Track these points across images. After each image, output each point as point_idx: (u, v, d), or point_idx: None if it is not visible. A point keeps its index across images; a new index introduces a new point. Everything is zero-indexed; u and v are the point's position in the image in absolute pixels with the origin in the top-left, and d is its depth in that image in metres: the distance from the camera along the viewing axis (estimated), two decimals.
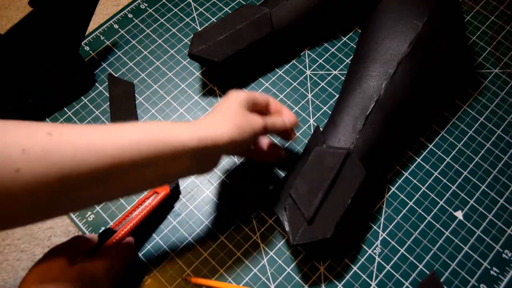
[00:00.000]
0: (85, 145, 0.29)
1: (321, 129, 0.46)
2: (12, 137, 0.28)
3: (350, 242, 0.44)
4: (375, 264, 0.43)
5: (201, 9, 0.57)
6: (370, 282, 0.42)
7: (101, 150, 0.30)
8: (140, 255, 0.43)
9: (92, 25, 0.57)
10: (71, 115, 0.50)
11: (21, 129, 0.29)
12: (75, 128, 0.30)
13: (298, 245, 0.38)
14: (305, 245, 0.39)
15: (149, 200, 0.43)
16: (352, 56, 0.53)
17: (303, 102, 0.51)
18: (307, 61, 0.53)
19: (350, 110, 0.43)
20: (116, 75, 0.53)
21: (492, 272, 0.42)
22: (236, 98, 0.38)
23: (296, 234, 0.39)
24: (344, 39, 0.54)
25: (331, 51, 0.54)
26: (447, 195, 0.46)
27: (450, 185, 0.46)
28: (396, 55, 0.44)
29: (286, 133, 0.42)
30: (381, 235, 0.44)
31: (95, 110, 0.51)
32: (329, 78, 0.52)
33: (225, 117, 0.36)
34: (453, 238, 0.44)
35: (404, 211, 0.45)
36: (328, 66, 0.53)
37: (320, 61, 0.53)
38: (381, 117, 0.43)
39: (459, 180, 0.46)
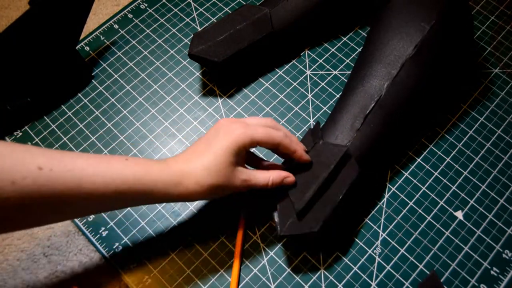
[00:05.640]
0: (75, 184, 0.32)
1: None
2: (4, 168, 0.30)
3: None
4: (375, 264, 0.43)
5: (201, 9, 0.57)
6: (370, 282, 0.42)
7: (87, 191, 0.33)
8: (140, 255, 0.43)
9: (92, 25, 0.57)
10: (71, 116, 0.50)
11: (14, 160, 0.31)
12: (67, 163, 0.33)
13: (285, 236, 0.39)
14: (293, 237, 0.39)
15: None
16: (358, 55, 0.53)
17: (303, 102, 0.51)
18: (307, 61, 0.53)
19: (350, 108, 0.43)
20: (116, 75, 0.53)
21: (492, 272, 0.42)
22: (230, 141, 0.37)
23: (283, 225, 0.39)
24: (344, 39, 0.54)
25: (331, 51, 0.54)
26: (447, 195, 0.46)
27: (450, 185, 0.46)
28: (400, 57, 0.44)
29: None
30: (381, 235, 0.44)
31: (95, 110, 0.51)
32: (329, 78, 0.52)
33: (206, 172, 0.36)
34: (453, 238, 0.44)
35: (404, 211, 0.45)
36: (328, 66, 0.53)
37: (320, 61, 0.53)
38: (381, 117, 0.42)
39: (459, 180, 0.46)
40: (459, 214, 0.45)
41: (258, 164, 0.42)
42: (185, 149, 0.39)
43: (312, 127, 0.46)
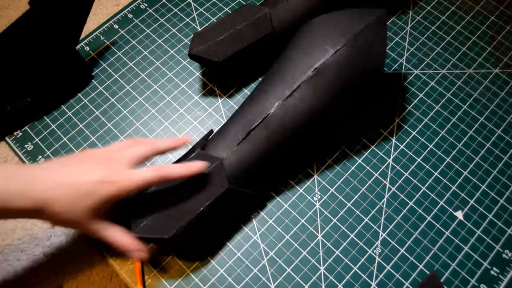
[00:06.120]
0: None
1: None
2: None
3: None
4: (375, 264, 0.43)
5: (201, 9, 0.57)
6: (370, 282, 0.42)
7: None
8: None
9: (92, 25, 0.57)
10: (71, 116, 0.50)
11: None
12: None
13: (138, 237, 0.39)
14: (146, 239, 0.39)
15: None
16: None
17: None
18: None
19: (238, 121, 0.42)
20: (116, 75, 0.53)
21: (492, 272, 0.42)
22: (98, 201, 0.36)
23: (137, 226, 0.39)
24: None
25: None
26: (447, 195, 0.46)
27: (450, 185, 0.46)
28: (298, 78, 0.41)
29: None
30: (381, 235, 0.44)
31: (95, 110, 0.51)
32: None
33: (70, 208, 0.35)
34: (453, 238, 0.44)
35: (404, 211, 0.45)
36: None
37: None
38: (265, 136, 0.41)
39: (459, 180, 0.46)
40: (459, 214, 0.45)
41: None
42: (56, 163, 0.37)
43: (205, 134, 0.45)
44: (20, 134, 0.49)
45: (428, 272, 0.42)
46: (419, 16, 0.56)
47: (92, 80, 0.52)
